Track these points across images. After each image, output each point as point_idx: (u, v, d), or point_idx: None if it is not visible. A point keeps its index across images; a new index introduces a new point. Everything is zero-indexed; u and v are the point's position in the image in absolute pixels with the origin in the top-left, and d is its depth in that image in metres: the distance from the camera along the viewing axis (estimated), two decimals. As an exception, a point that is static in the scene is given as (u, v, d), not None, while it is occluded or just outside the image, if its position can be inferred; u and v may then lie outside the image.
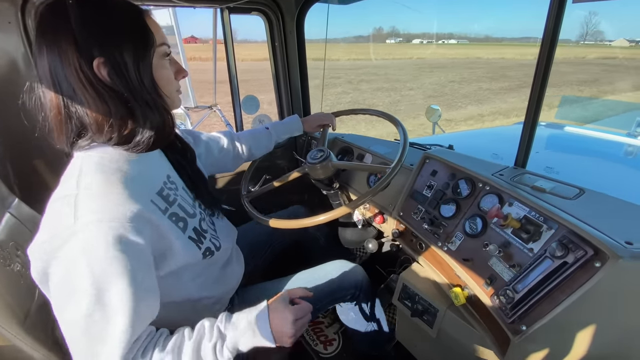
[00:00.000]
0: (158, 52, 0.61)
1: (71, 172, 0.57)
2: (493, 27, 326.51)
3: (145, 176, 0.63)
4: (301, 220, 0.90)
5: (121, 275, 0.51)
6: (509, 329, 0.68)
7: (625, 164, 1.70)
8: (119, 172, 0.58)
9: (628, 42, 77.61)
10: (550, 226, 0.68)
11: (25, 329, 0.63)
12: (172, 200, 0.67)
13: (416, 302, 0.95)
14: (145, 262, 0.57)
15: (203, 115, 1.68)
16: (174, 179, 0.74)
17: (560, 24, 0.82)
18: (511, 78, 14.02)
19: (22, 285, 0.70)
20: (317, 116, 1.25)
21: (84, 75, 0.54)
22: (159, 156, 0.73)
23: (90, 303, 0.50)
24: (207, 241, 0.73)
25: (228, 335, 0.63)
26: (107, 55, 0.54)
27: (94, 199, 0.53)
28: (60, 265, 0.51)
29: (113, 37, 0.55)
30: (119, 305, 0.52)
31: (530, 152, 0.95)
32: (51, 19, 0.54)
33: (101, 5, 0.55)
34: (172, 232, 0.63)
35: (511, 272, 0.71)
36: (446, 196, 0.94)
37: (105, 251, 0.51)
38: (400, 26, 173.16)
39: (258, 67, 14.12)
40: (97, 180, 0.55)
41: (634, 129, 1.88)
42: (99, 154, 0.58)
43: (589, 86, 12.34)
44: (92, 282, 0.50)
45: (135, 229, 0.54)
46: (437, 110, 2.46)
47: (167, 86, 0.64)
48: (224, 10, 1.30)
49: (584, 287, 0.58)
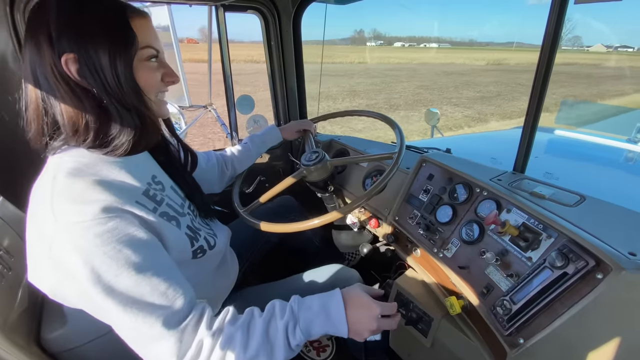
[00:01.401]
0: (141, 53, 0.58)
1: (46, 177, 0.55)
2: (478, 32, 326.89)
3: (127, 178, 0.60)
4: (294, 224, 0.87)
5: (125, 261, 0.49)
6: (506, 341, 0.65)
7: (626, 170, 1.68)
8: (96, 175, 0.55)
9: (605, 47, 78.17)
10: (550, 234, 0.65)
11: (4, 335, 0.60)
12: (159, 200, 0.65)
13: (410, 309, 0.92)
14: (145, 244, 0.54)
15: (197, 115, 1.66)
16: (161, 178, 0.71)
17: (561, 28, 0.80)
18: (431, 89, 12.44)
19: (4, 287, 0.67)
20: (295, 123, 1.27)
21: (58, 71, 0.52)
22: (144, 158, 0.70)
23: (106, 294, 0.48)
24: (201, 239, 0.70)
25: (302, 316, 0.60)
26: (80, 52, 0.52)
27: (73, 202, 0.50)
28: (66, 273, 0.50)
29: (88, 34, 0.52)
30: (132, 284, 0.50)
31: (529, 157, 0.92)
32: (34, 14, 0.53)
33: (81, 1, 0.53)
34: (165, 227, 0.60)
35: (509, 281, 0.68)
36: (442, 201, 0.91)
37: (100, 246, 0.48)
38: (382, 29, 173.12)
39: (245, 68, 13.88)
40: (72, 185, 0.52)
41: (634, 134, 1.86)
42: (73, 158, 0.56)
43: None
44: (99, 279, 0.48)
45: (124, 219, 0.52)
46: (436, 114, 2.44)
47: (150, 90, 0.61)
48: (219, 8, 1.28)
49: (585, 299, 0.55)
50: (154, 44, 0.59)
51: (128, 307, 0.49)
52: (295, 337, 0.58)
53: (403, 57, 31.40)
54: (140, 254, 0.51)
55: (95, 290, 0.48)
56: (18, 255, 0.77)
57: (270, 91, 1.55)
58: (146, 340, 0.51)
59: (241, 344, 0.54)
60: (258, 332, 0.56)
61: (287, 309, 0.61)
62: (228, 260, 0.90)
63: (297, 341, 0.58)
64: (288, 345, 0.57)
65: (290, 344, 0.57)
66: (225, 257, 0.88)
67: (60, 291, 0.56)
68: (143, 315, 0.49)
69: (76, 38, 0.52)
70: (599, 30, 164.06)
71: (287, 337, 0.57)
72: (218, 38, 1.33)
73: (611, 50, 70.76)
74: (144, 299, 0.50)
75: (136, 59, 0.57)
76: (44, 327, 0.72)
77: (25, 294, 0.73)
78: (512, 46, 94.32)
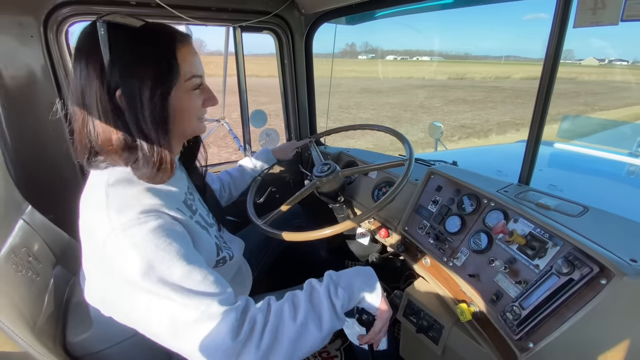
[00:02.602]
0: (187, 85, 0.61)
1: (97, 185, 0.59)
2: (472, 46, 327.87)
3: (171, 187, 0.66)
4: (309, 233, 0.91)
5: (177, 253, 0.53)
6: (516, 346, 0.67)
7: (627, 183, 1.72)
8: (144, 184, 0.60)
9: (597, 60, 78.56)
10: (556, 243, 0.69)
11: (35, 336, 0.63)
12: (194, 209, 0.70)
13: (421, 317, 0.94)
14: (189, 242, 0.59)
15: (211, 128, 1.72)
16: (192, 191, 0.77)
17: (562, 45, 0.85)
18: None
19: (33, 292, 0.70)
20: (291, 143, 1.37)
21: (101, 102, 0.56)
22: (179, 170, 0.75)
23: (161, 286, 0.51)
24: (225, 250, 0.76)
25: (341, 279, 0.65)
26: (125, 85, 0.55)
27: (126, 204, 0.55)
28: (121, 271, 0.52)
29: (136, 68, 0.56)
30: (184, 271, 0.53)
31: (534, 170, 0.96)
32: (86, 42, 0.56)
33: (132, 35, 0.56)
34: (200, 233, 0.65)
35: (517, 288, 0.72)
36: (451, 212, 0.95)
37: (153, 239, 0.52)
38: (374, 43, 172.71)
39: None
40: (125, 189, 0.57)
41: (635, 148, 1.90)
42: (122, 169, 0.60)
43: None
44: (153, 270, 0.51)
45: (172, 218, 0.57)
46: (439, 127, 2.49)
47: (188, 117, 0.64)
48: (236, 29, 1.36)
49: (591, 304, 0.58)
50: (198, 72, 0.63)
51: (185, 292, 0.51)
52: (339, 297, 0.62)
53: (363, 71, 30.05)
54: (187, 248, 0.55)
55: (150, 282, 0.50)
56: (45, 262, 0.81)
57: (282, 106, 1.61)
58: (204, 318, 0.52)
59: (290, 315, 0.58)
60: (303, 302, 0.60)
61: (325, 278, 0.65)
62: (243, 269, 0.93)
63: (340, 301, 0.61)
64: (333, 308, 0.60)
65: (335, 306, 0.61)
66: (241, 267, 0.91)
67: (109, 299, 0.58)
68: (199, 297, 0.52)
69: (125, 73, 0.55)
70: (592, 44, 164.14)
71: (331, 300, 0.61)
72: (235, 55, 1.40)
73: (604, 63, 71.08)
74: (198, 284, 0.53)
75: (181, 90, 0.60)
76: (69, 332, 0.75)
77: (51, 298, 0.77)
78: (501, 60, 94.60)
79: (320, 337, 0.58)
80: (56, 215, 0.92)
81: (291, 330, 0.56)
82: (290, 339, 0.55)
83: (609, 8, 0.74)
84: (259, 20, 1.33)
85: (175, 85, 0.59)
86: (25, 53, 1.01)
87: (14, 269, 0.67)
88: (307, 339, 0.57)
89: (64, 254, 0.90)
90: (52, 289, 0.79)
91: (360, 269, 0.69)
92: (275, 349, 0.54)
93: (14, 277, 0.66)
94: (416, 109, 11.41)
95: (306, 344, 0.57)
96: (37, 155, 1.08)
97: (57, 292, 0.81)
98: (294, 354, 0.55)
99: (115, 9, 1.12)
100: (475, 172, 1.03)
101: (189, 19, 1.20)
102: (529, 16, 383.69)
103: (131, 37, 0.56)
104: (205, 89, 0.67)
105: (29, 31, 1.00)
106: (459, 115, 10.46)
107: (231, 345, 0.51)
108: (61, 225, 0.93)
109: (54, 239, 0.88)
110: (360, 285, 0.65)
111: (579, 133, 2.43)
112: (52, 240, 0.86)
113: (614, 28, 0.83)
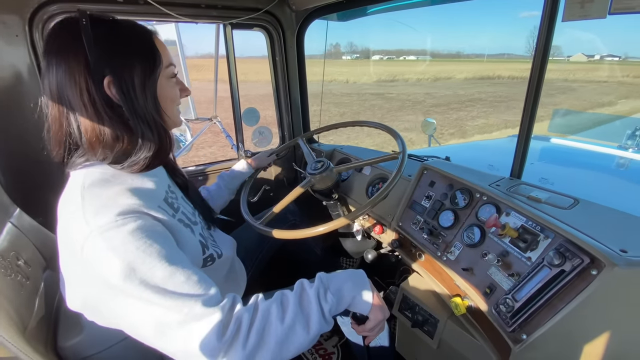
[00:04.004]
0: (166, 72, 0.63)
1: (73, 187, 0.57)
2: (463, 45, 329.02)
3: (150, 185, 0.64)
4: (302, 230, 0.91)
5: (158, 255, 0.52)
6: (510, 337, 0.68)
7: (617, 175, 1.74)
8: (122, 184, 0.59)
9: (586, 57, 78.93)
10: (547, 235, 0.70)
11: (25, 340, 0.62)
12: (176, 208, 0.69)
13: (416, 312, 0.95)
14: (171, 242, 0.58)
15: (203, 127, 1.71)
16: (174, 189, 0.76)
17: (551, 40, 0.85)
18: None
19: (23, 296, 0.69)
20: (267, 150, 1.36)
21: (88, 94, 0.55)
22: (159, 169, 0.74)
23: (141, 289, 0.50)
24: (211, 248, 0.74)
25: (331, 282, 0.64)
26: (116, 75, 0.56)
27: (103, 205, 0.53)
28: (100, 275, 0.51)
29: (123, 58, 0.57)
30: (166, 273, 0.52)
31: (525, 164, 0.97)
32: (63, 36, 0.55)
33: (112, 26, 0.58)
34: (183, 232, 0.64)
35: (510, 280, 0.72)
36: (444, 206, 0.95)
37: (133, 242, 0.51)
38: (359, 43, 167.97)
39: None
40: (101, 191, 0.56)
41: (624, 141, 1.93)
42: (100, 170, 0.59)
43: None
44: (135, 273, 0.50)
45: (150, 219, 0.55)
46: (432, 124, 2.51)
47: (170, 105, 0.66)
48: (226, 26, 1.34)
49: (582, 294, 0.59)
50: (172, 61, 0.65)
51: (167, 295, 0.50)
52: (327, 301, 0.61)
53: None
54: (169, 249, 0.54)
55: (132, 285, 0.49)
56: (35, 266, 0.80)
57: (274, 105, 1.60)
58: (188, 319, 0.51)
59: (277, 316, 0.57)
60: (292, 303, 0.59)
61: (316, 280, 0.64)
62: (236, 268, 0.93)
63: (329, 305, 0.60)
64: (321, 312, 0.60)
65: (324, 310, 0.60)
66: (234, 265, 0.90)
67: (90, 303, 0.57)
68: (183, 299, 0.51)
69: (113, 62, 0.56)
70: (580, 39, 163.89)
71: (320, 303, 0.60)
72: (225, 54, 1.39)
73: (592, 59, 71.37)
74: (181, 286, 0.52)
75: (163, 77, 0.62)
76: (60, 336, 0.74)
77: (42, 302, 0.76)
78: (484, 58, 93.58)
79: (307, 340, 0.58)
80: (45, 218, 0.90)
81: (278, 331, 0.56)
82: (277, 340, 0.55)
83: (596, 1, 0.75)
84: (249, 17, 1.32)
85: (161, 72, 0.62)
86: (10, 53, 0.99)
87: (2, 273, 0.66)
88: (294, 340, 0.57)
89: (54, 257, 0.88)
90: (42, 292, 0.78)
91: (352, 273, 0.68)
92: (261, 349, 0.54)
93: (3, 282, 0.65)
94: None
95: (293, 345, 0.57)
96: (24, 157, 1.06)
97: (48, 296, 0.79)
98: (280, 355, 0.55)
99: (103, 6, 1.10)
100: (467, 167, 1.04)
101: (178, 17, 1.18)
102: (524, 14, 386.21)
103: (112, 28, 0.57)
104: (178, 79, 0.69)
105: (13, 30, 0.98)
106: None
107: (217, 346, 0.51)
108: (51, 228, 0.91)
109: (43, 242, 0.86)
110: (350, 290, 0.65)
111: (571, 127, 2.47)
112: (41, 243, 0.85)
113: (605, 24, 0.83)
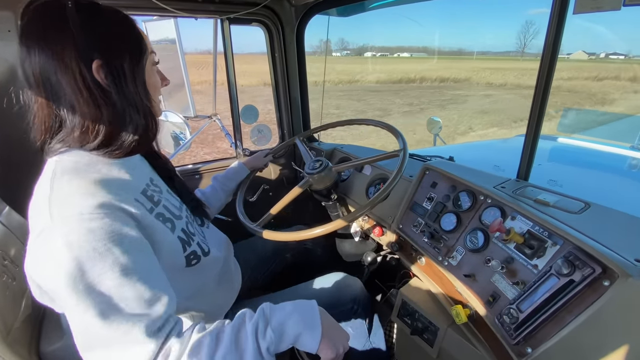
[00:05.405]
0: (150, 59, 0.64)
1: (45, 177, 0.56)
2: (463, 42, 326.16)
3: (126, 176, 0.62)
4: (298, 232, 0.87)
5: (114, 261, 0.48)
6: (514, 351, 0.64)
7: (630, 177, 1.67)
8: (96, 173, 0.56)
9: (587, 54, 76.90)
10: (555, 242, 0.65)
11: (7, 344, 0.60)
12: (156, 201, 0.66)
13: (416, 319, 0.91)
14: (137, 246, 0.54)
15: (202, 125, 1.68)
16: (157, 182, 0.73)
17: (561, 37, 0.81)
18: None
19: (8, 297, 0.67)
20: (262, 151, 1.31)
21: (82, 78, 0.54)
22: (139, 161, 0.71)
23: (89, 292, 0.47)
24: (194, 244, 0.70)
25: (274, 316, 0.58)
26: (105, 59, 0.55)
27: (70, 196, 0.51)
28: (49, 267, 0.48)
29: (112, 42, 0.57)
30: (116, 285, 0.48)
31: (532, 165, 0.92)
32: (45, 20, 0.53)
33: (98, 13, 0.57)
34: (159, 229, 0.61)
35: (515, 289, 0.68)
36: (446, 209, 0.91)
37: (91, 241, 0.48)
38: (351, 39, 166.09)
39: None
40: (71, 181, 0.53)
41: (637, 142, 1.86)
42: (72, 158, 0.57)
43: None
44: (82, 275, 0.47)
45: (120, 218, 0.52)
46: (438, 122, 2.45)
47: (154, 92, 0.66)
48: (224, 21, 1.31)
49: (593, 307, 0.55)
50: (154, 50, 0.65)
51: (109, 308, 0.47)
52: (266, 338, 0.55)
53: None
54: (129, 256, 0.50)
55: (74, 289, 0.46)
56: (22, 265, 0.78)
57: (274, 102, 1.57)
58: (120, 341, 0.49)
59: (207, 352, 0.52)
60: (227, 339, 0.54)
61: (257, 312, 0.59)
62: (232, 270, 0.90)
63: (267, 343, 0.55)
64: (258, 350, 0.55)
65: (260, 348, 0.55)
66: (229, 266, 0.88)
67: (50, 295, 0.54)
68: (119, 321, 0.48)
69: (102, 47, 0.55)
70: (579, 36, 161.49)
71: (257, 341, 0.55)
72: (223, 50, 1.36)
73: (594, 57, 69.38)
74: (123, 304, 0.48)
75: (149, 63, 0.63)
76: (43, 340, 0.72)
77: (28, 304, 0.74)
78: (473, 55, 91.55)
79: None
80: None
81: None
82: None
83: (611, -9, 0.70)
84: (247, 12, 1.29)
85: (147, 57, 0.62)
86: (3, 48, 0.97)
87: (-13, 274, 0.64)
88: None
89: None
90: (29, 293, 0.75)
91: (300, 305, 0.62)
92: None
93: None
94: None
95: None
96: (14, 154, 1.05)
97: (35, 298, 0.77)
98: None
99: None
100: (472, 168, 1.00)
101: (175, 11, 1.15)
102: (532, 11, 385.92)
103: (98, 13, 0.57)
104: (158, 69, 0.69)
105: (5, 25, 0.96)
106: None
107: None
108: None
109: None
110: (294, 326, 0.58)
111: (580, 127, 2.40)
112: None
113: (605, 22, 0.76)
